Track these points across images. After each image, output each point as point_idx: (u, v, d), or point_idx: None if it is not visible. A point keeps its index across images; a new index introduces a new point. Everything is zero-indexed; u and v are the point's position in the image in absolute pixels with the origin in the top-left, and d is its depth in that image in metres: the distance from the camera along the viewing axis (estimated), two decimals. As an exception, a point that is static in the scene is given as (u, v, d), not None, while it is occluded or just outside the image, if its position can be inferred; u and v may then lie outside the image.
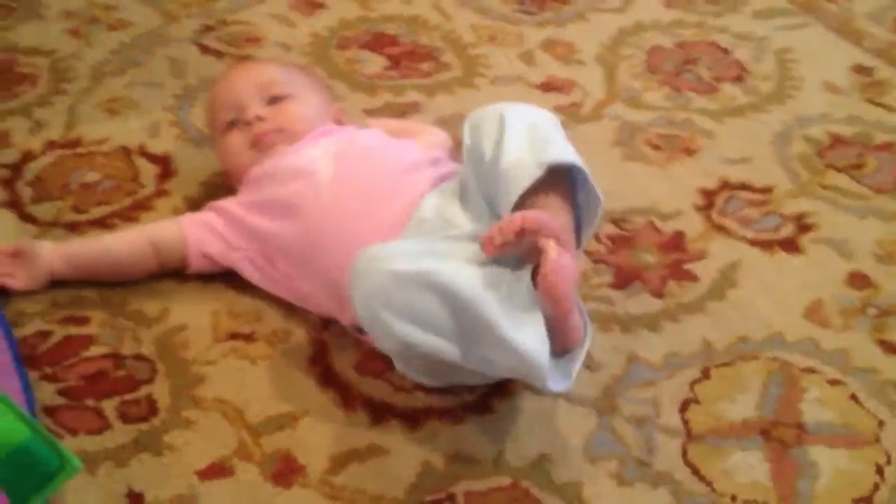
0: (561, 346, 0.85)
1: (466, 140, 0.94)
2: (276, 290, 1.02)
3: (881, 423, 0.94)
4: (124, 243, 1.04)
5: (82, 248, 1.05)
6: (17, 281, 1.02)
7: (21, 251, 1.03)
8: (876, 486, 0.88)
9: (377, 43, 1.46)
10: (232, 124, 1.09)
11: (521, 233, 0.82)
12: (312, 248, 0.97)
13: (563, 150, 0.91)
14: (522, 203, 0.87)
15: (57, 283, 1.04)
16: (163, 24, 1.49)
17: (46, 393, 0.93)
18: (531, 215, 0.83)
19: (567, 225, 0.88)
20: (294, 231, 0.98)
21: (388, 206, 0.96)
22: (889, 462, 0.90)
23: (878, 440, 0.92)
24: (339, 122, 1.15)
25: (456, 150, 1.12)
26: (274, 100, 1.10)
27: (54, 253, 1.03)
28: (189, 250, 1.03)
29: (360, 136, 1.08)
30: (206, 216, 1.05)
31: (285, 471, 0.87)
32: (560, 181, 0.90)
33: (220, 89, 1.13)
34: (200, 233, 1.03)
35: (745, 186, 1.22)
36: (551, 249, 0.81)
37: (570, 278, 0.82)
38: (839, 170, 1.25)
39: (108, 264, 1.03)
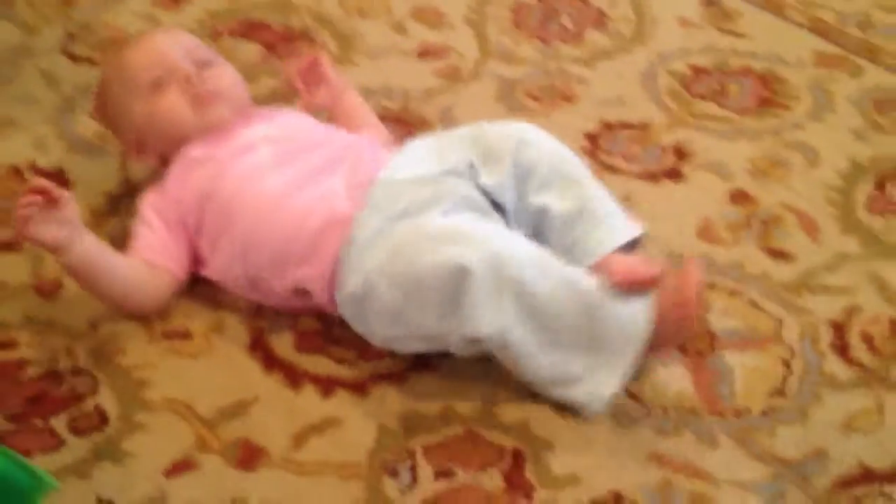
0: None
1: (512, 155, 0.99)
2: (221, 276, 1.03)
3: (780, 322, 1.03)
4: (132, 273, 1.00)
5: (99, 264, 0.98)
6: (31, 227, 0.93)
7: (57, 200, 0.93)
8: (785, 378, 0.98)
9: (249, 30, 1.47)
10: (158, 84, 1.06)
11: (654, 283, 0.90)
12: (259, 225, 0.98)
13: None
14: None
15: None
16: (24, 37, 1.45)
17: (-8, 422, 0.93)
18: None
19: None
20: (242, 215, 1.00)
21: (340, 177, 1.00)
22: (793, 355, 1.00)
23: (780, 338, 1.02)
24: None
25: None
26: (202, 64, 1.08)
27: (86, 239, 0.97)
28: (179, 280, 1.03)
29: (291, 120, 1.10)
30: (167, 235, 1.03)
31: (248, 456, 0.91)
32: None
33: (139, 50, 1.08)
34: (180, 260, 1.03)
35: (624, 125, 1.30)
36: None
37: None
38: (705, 98, 1.34)
39: (109, 291, 1.00)
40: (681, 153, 1.25)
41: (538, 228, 0.98)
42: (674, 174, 1.22)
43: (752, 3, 1.53)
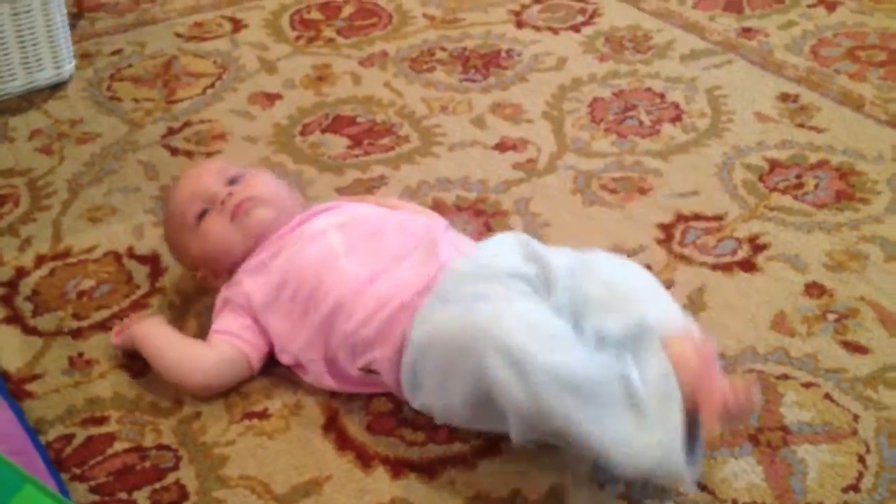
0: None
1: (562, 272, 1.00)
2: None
3: (856, 417, 1.02)
4: (193, 361, 1.07)
5: (157, 343, 1.09)
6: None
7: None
8: (860, 475, 0.96)
9: (337, 125, 1.55)
10: (202, 215, 1.13)
11: None
12: (338, 312, 1.02)
13: None
14: None
15: (72, 385, 1.09)
16: (129, 131, 1.55)
17: (79, 492, 0.97)
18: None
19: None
20: (316, 303, 1.04)
21: (413, 264, 1.04)
22: (868, 451, 0.98)
23: (855, 433, 1.00)
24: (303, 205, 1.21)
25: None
26: (233, 180, 1.15)
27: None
28: (253, 366, 1.08)
29: (357, 208, 1.15)
30: (242, 323, 1.08)
31: (318, 534, 0.93)
32: None
33: (178, 191, 1.16)
34: (256, 345, 1.08)
35: (698, 217, 1.31)
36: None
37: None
38: (782, 191, 1.35)
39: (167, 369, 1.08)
40: (756, 245, 1.26)
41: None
42: (748, 266, 1.22)
43: (831, 99, 1.54)
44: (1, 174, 1.46)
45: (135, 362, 1.12)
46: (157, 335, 1.10)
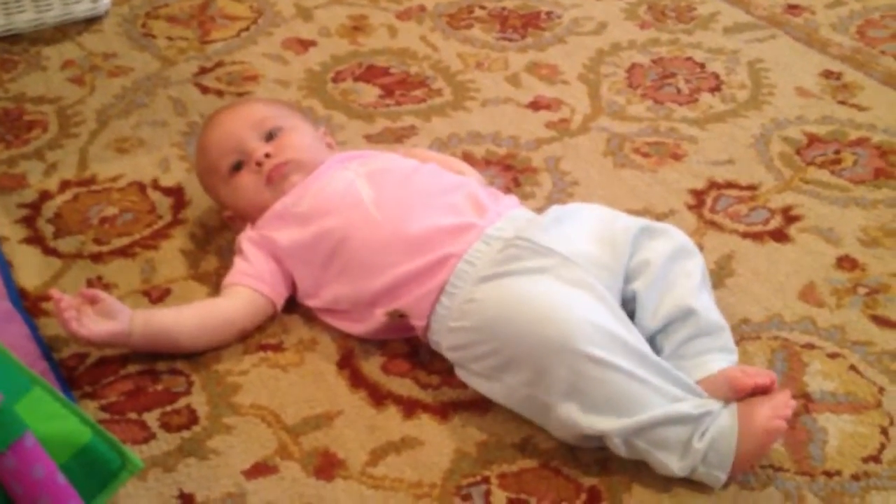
0: None
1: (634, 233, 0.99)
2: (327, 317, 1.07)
3: (881, 390, 0.99)
4: (211, 329, 1.03)
5: (163, 332, 1.01)
6: (82, 326, 0.97)
7: (96, 298, 1.00)
8: (882, 446, 0.94)
9: (370, 74, 1.53)
10: (237, 167, 1.12)
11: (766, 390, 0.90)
12: (374, 257, 1.01)
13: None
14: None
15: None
16: (161, 68, 1.55)
17: (90, 410, 0.97)
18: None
19: None
20: (349, 253, 1.02)
21: (451, 212, 1.02)
22: (892, 424, 0.96)
23: (879, 405, 0.98)
24: (330, 146, 1.20)
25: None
26: (270, 135, 1.13)
27: (137, 320, 1.00)
28: (277, 308, 1.07)
29: (385, 158, 1.14)
30: (265, 266, 1.06)
31: (326, 465, 0.92)
32: None
33: (214, 135, 1.14)
34: (278, 289, 1.07)
35: (731, 185, 1.29)
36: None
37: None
38: (819, 166, 1.32)
39: (189, 345, 1.03)
40: (789, 216, 1.23)
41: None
42: (780, 236, 1.20)
43: (875, 79, 1.51)
44: (31, 101, 1.46)
45: (153, 289, 1.12)
46: (160, 320, 1.01)
